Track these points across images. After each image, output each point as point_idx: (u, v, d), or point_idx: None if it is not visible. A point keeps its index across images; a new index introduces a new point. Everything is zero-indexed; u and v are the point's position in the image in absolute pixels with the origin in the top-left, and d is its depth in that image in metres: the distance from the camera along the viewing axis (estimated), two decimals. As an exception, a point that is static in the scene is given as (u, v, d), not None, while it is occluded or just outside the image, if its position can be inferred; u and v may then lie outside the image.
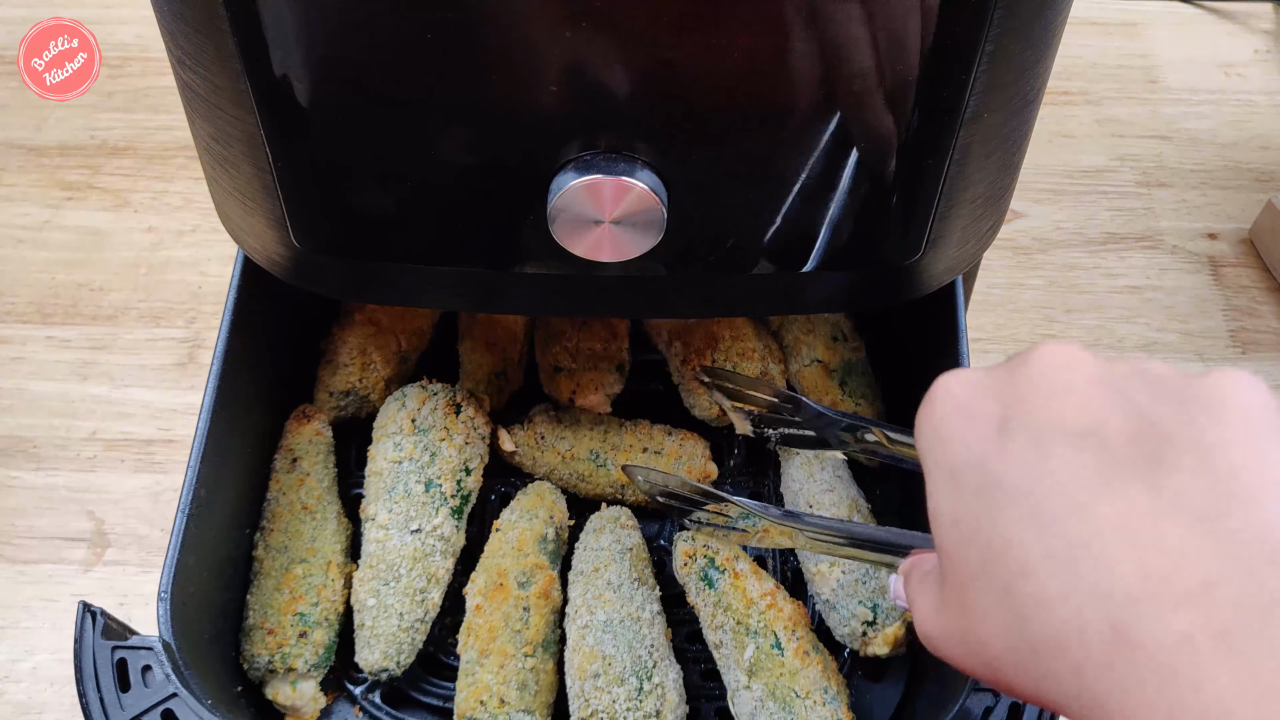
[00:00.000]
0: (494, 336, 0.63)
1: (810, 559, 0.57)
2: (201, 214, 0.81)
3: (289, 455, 0.58)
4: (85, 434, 0.70)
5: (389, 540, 0.55)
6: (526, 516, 0.57)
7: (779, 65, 0.41)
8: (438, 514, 0.56)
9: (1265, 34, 0.96)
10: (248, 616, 0.54)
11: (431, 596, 0.54)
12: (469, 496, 0.58)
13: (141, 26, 0.94)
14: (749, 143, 0.44)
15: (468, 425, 0.58)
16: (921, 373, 0.60)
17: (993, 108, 0.44)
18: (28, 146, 0.85)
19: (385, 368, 0.61)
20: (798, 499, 0.59)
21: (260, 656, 0.52)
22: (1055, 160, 0.86)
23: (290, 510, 0.56)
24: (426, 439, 0.57)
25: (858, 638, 0.54)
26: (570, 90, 0.42)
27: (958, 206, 0.48)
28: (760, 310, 0.56)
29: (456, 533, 0.56)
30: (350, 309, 0.63)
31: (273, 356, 0.60)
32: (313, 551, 0.55)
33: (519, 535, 0.56)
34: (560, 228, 0.44)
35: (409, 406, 0.58)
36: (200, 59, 0.43)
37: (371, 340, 0.62)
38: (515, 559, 0.55)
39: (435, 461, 0.57)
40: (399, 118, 0.43)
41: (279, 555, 0.55)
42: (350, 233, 0.50)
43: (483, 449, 0.59)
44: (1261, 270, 0.79)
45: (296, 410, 0.60)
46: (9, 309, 0.76)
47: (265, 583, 0.54)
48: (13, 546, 0.65)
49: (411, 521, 0.55)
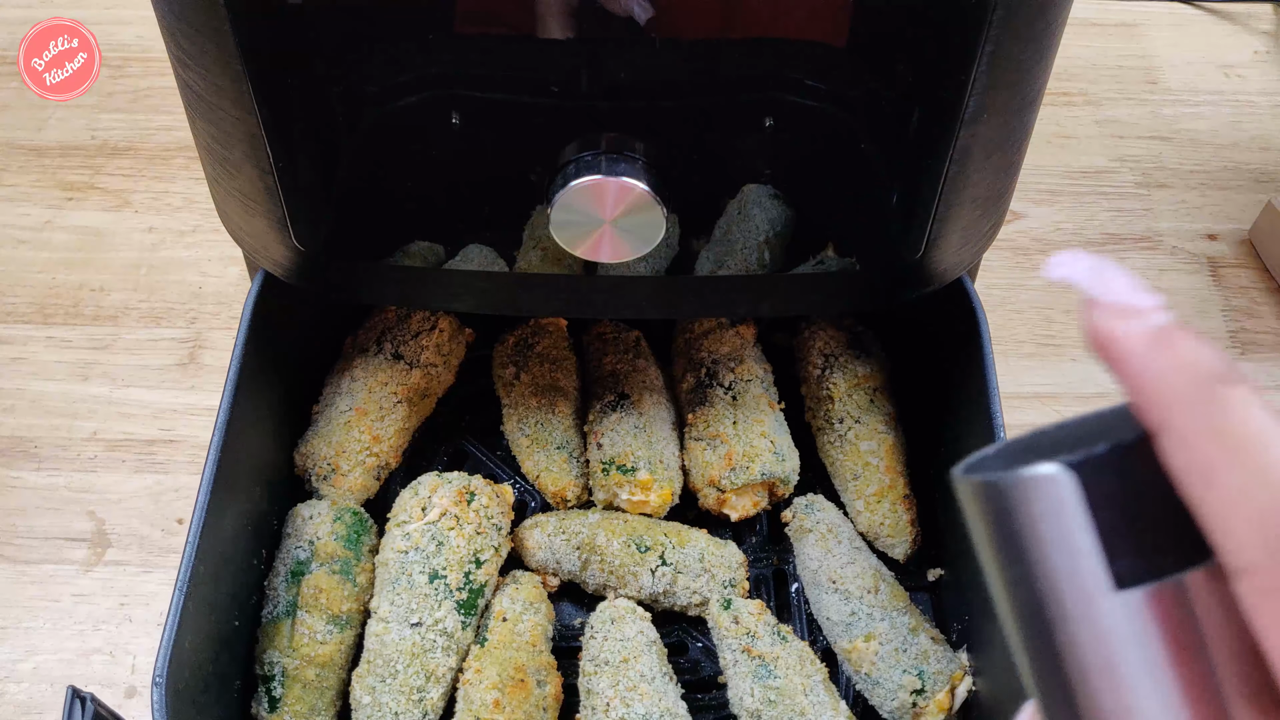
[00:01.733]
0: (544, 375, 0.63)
1: (842, 636, 0.55)
2: (202, 214, 0.81)
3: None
4: (86, 434, 0.70)
5: (388, 634, 0.52)
6: (531, 610, 0.55)
7: (781, 66, 0.42)
8: (440, 607, 0.53)
9: (1265, 34, 0.96)
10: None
11: (430, 696, 0.52)
12: (480, 590, 0.54)
13: (142, 26, 0.94)
14: (749, 143, 0.44)
15: (480, 515, 0.55)
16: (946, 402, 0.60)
17: (993, 108, 0.44)
18: (28, 147, 0.85)
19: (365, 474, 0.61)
20: (818, 576, 0.57)
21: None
22: (1055, 161, 0.86)
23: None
24: (434, 528, 0.55)
25: (908, 710, 0.53)
26: (571, 91, 0.42)
27: (958, 207, 0.48)
28: (762, 310, 0.56)
29: (462, 629, 0.53)
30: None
31: (274, 425, 0.59)
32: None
33: (530, 629, 0.54)
34: (561, 228, 0.45)
35: (420, 494, 0.56)
36: (201, 59, 0.43)
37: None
38: (530, 655, 0.53)
39: (442, 551, 0.54)
40: (400, 118, 0.43)
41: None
42: (351, 233, 0.50)
43: (498, 540, 0.56)
44: (1261, 271, 0.79)
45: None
46: (10, 309, 0.76)
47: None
48: (14, 546, 0.65)
49: (412, 614, 0.52)
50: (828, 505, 0.60)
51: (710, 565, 0.57)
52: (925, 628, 0.55)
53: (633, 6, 0.39)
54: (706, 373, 0.62)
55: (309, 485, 0.60)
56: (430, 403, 0.64)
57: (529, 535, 0.58)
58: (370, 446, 0.60)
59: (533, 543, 0.58)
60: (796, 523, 0.60)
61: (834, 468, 0.62)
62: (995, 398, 0.51)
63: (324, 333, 0.64)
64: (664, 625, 0.57)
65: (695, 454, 0.61)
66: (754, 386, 0.62)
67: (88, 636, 0.62)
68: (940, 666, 0.53)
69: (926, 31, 0.41)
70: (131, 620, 0.62)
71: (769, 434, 0.60)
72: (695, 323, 0.64)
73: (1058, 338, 0.75)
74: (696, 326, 0.64)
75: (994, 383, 0.52)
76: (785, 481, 0.60)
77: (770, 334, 0.67)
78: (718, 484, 0.59)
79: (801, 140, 0.44)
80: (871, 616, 0.55)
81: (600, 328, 0.65)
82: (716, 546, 0.58)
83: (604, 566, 0.57)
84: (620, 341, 0.65)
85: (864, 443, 0.60)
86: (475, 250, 0.50)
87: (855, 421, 0.61)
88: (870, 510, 0.59)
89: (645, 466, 0.59)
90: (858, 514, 0.60)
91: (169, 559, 0.65)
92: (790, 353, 0.66)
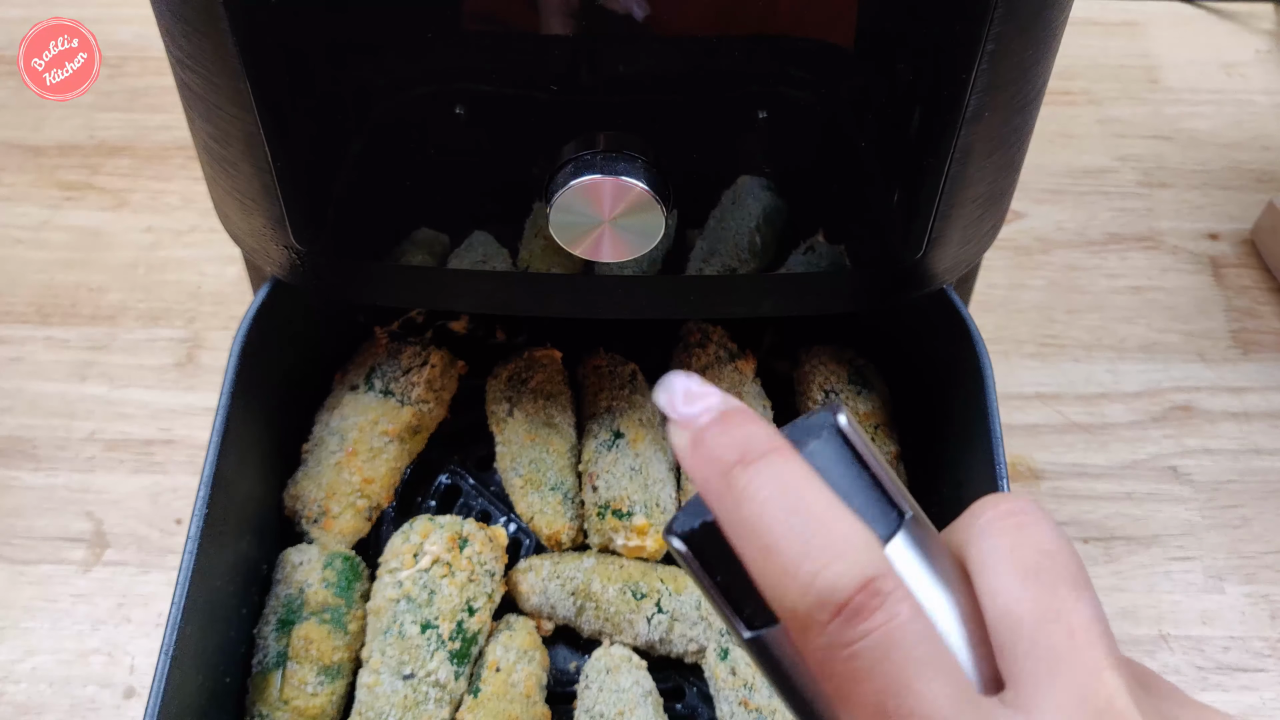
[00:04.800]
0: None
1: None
2: (200, 214, 0.81)
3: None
4: (84, 434, 0.69)
5: (379, 686, 0.52)
6: (525, 659, 0.54)
7: (780, 64, 0.41)
8: (433, 658, 0.52)
9: (1266, 34, 0.96)
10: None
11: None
12: (473, 639, 0.54)
13: (141, 26, 0.93)
14: (748, 141, 0.44)
15: (473, 561, 0.55)
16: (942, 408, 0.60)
17: (993, 108, 0.44)
18: (26, 146, 0.85)
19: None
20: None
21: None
22: (1056, 160, 0.86)
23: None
24: (426, 575, 0.54)
25: None
26: (571, 89, 0.42)
27: (958, 206, 0.48)
28: (763, 309, 0.56)
29: (454, 680, 0.52)
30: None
31: (263, 464, 0.58)
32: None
33: (525, 680, 0.53)
34: (560, 228, 0.44)
35: (412, 540, 0.55)
36: (200, 59, 0.43)
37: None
38: (524, 706, 0.52)
39: (434, 601, 0.53)
40: (399, 117, 0.43)
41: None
42: (350, 232, 0.50)
43: (491, 586, 0.55)
44: (1262, 271, 0.79)
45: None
46: (7, 309, 0.76)
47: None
48: (12, 547, 0.65)
49: (404, 666, 0.52)
50: None
51: (708, 613, 0.56)
52: None
53: (634, 4, 0.39)
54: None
55: (299, 528, 0.59)
56: (422, 439, 0.63)
57: (523, 580, 0.58)
58: (361, 488, 0.59)
59: (526, 587, 0.57)
60: None
61: None
62: (997, 430, 0.50)
63: (314, 365, 0.63)
64: (660, 670, 0.56)
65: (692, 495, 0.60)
66: None
67: (86, 637, 0.61)
68: None
69: (928, 30, 0.40)
70: (130, 620, 0.62)
71: None
72: (693, 358, 0.63)
73: (1059, 337, 0.75)
74: (694, 361, 0.63)
75: (996, 420, 0.51)
76: None
77: (771, 361, 0.66)
78: None
79: (801, 139, 0.44)
80: None
81: (596, 360, 0.64)
82: None
83: (599, 613, 0.56)
84: (616, 376, 0.63)
85: None
86: (480, 237, 0.49)
87: None
88: None
89: (641, 511, 0.58)
90: None
91: (168, 559, 0.64)
92: (791, 384, 0.65)
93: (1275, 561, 0.65)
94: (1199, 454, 0.69)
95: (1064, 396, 0.72)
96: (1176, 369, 0.74)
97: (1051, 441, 0.70)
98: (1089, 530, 0.66)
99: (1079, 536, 0.65)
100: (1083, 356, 0.74)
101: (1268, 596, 0.63)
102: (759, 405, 0.63)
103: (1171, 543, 0.65)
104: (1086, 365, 0.74)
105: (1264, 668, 0.61)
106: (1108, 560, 0.65)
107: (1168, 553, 0.65)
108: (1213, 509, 0.67)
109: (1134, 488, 0.68)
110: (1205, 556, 0.65)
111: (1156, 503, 0.67)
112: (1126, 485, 0.68)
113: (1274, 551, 0.65)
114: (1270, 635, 0.62)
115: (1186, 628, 0.62)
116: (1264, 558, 0.65)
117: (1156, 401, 0.72)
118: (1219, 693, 0.59)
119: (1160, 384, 0.73)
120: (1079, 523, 0.66)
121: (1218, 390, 0.72)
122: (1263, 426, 0.71)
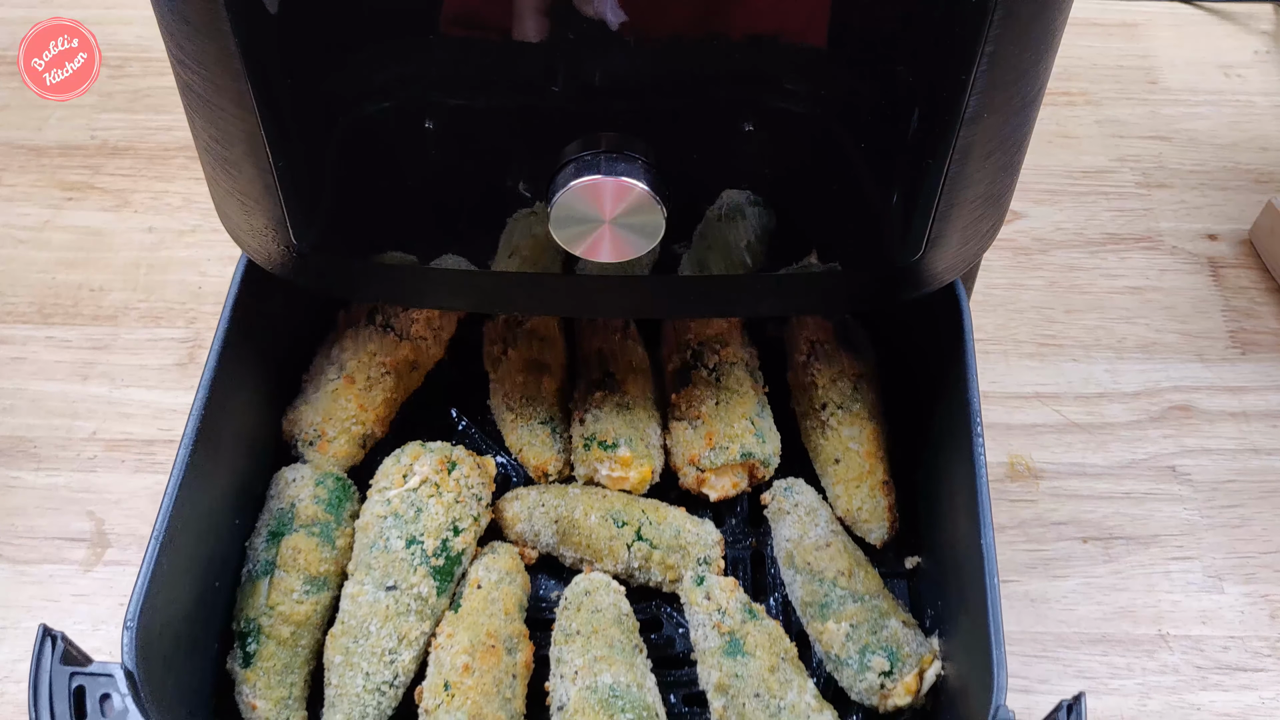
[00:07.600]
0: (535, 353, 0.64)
1: (814, 617, 0.55)
2: (202, 214, 0.81)
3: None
4: (86, 434, 0.70)
5: (362, 596, 0.53)
6: (507, 579, 0.55)
7: (780, 65, 0.42)
8: (415, 572, 0.53)
9: (1265, 35, 0.96)
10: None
11: (402, 659, 0.52)
12: (456, 558, 0.55)
13: (141, 26, 0.94)
14: (749, 142, 0.44)
15: (460, 484, 0.56)
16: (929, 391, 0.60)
17: (993, 108, 0.44)
18: (28, 146, 0.85)
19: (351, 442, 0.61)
20: (793, 558, 0.57)
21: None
22: (1055, 161, 0.86)
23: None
24: (414, 495, 0.55)
25: (876, 691, 0.53)
26: (571, 90, 0.42)
27: (958, 207, 0.48)
28: (762, 310, 0.56)
29: (437, 595, 0.54)
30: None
31: (263, 393, 0.59)
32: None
33: (504, 597, 0.54)
34: (560, 228, 0.45)
35: (402, 462, 0.57)
36: (201, 60, 0.43)
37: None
38: (503, 622, 0.53)
39: (420, 518, 0.54)
40: (399, 117, 0.43)
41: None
42: (351, 232, 0.50)
43: (477, 510, 0.56)
44: (1261, 271, 0.79)
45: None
46: (9, 309, 0.76)
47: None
48: (13, 546, 0.65)
49: (387, 578, 0.53)
50: (806, 488, 0.61)
51: (686, 542, 0.57)
52: (898, 612, 0.55)
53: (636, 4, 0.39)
54: (692, 354, 0.63)
55: (295, 451, 0.61)
56: (419, 376, 0.65)
57: (508, 507, 0.59)
58: (356, 414, 0.61)
59: (511, 514, 0.59)
60: (775, 504, 0.60)
61: (815, 453, 0.62)
62: (974, 391, 0.51)
63: (319, 305, 0.65)
64: (640, 600, 0.58)
65: (677, 433, 0.61)
66: (738, 369, 0.63)
67: (87, 637, 0.62)
68: (910, 650, 0.53)
69: (927, 32, 0.41)
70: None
71: (750, 415, 0.61)
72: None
73: (1058, 337, 0.75)
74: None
75: (973, 374, 0.52)
76: (765, 463, 0.61)
77: (763, 325, 0.67)
78: (697, 463, 0.60)
79: (801, 140, 0.44)
80: (844, 599, 0.55)
81: None
82: (693, 524, 0.58)
83: (581, 540, 0.58)
84: (609, 323, 0.65)
85: (846, 429, 0.61)
86: (450, 261, 0.50)
87: (838, 408, 0.62)
88: (849, 495, 0.60)
89: (626, 444, 0.59)
90: (836, 498, 0.60)
91: (169, 559, 0.65)
92: (782, 343, 0.67)
93: (1274, 561, 0.65)
94: (1198, 454, 0.70)
95: (1063, 396, 0.72)
96: (1175, 369, 0.74)
97: (1051, 441, 0.70)
98: (1088, 530, 0.66)
99: (1078, 536, 0.66)
100: (1082, 356, 0.74)
101: (1267, 596, 0.63)
102: (746, 352, 0.64)
103: (1171, 542, 0.66)
104: (1085, 365, 0.74)
105: (1263, 667, 0.61)
106: (1107, 560, 0.65)
107: (1167, 552, 0.65)
108: (1212, 509, 0.67)
109: (1133, 487, 0.68)
110: (1204, 556, 0.65)
111: (1155, 502, 0.67)
112: (1125, 485, 0.68)
113: (1273, 551, 0.65)
114: (1269, 635, 0.62)
115: (1186, 627, 0.62)
116: (1263, 557, 0.65)
117: (1155, 401, 0.72)
118: (1218, 692, 0.59)
119: (1159, 384, 0.73)
120: (1078, 522, 0.66)
121: (1216, 390, 0.73)
122: (1261, 426, 0.71)
